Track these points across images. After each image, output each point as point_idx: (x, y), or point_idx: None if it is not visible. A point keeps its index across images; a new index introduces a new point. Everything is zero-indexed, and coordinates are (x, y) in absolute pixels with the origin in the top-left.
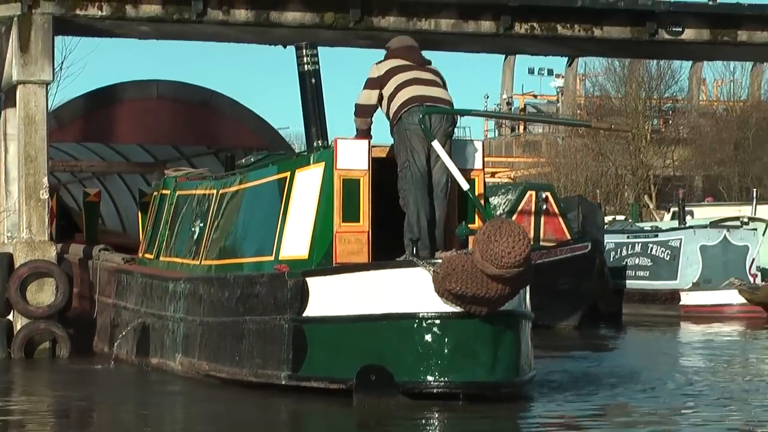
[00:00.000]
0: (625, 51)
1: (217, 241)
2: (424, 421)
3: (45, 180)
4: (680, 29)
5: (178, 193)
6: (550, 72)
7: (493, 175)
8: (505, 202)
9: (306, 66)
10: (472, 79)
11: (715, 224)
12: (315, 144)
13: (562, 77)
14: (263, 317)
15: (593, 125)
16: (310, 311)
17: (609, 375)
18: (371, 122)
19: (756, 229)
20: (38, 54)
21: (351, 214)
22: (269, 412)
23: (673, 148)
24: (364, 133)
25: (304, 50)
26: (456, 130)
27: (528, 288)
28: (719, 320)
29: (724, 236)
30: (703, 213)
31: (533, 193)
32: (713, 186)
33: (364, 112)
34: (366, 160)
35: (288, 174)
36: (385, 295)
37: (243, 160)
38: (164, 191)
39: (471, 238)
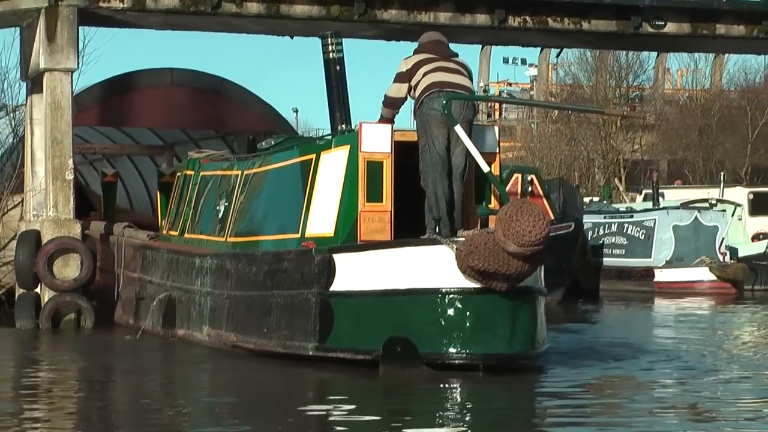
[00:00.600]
0: (610, 43)
1: (242, 219)
2: (446, 391)
3: (70, 162)
4: (662, 23)
5: (201, 173)
6: (524, 61)
7: None
8: None
9: (331, 54)
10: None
11: (686, 206)
12: (339, 128)
13: (536, 66)
14: (291, 291)
15: (606, 112)
16: (336, 286)
17: (609, 346)
18: (397, 113)
19: (725, 211)
20: (64, 43)
21: (375, 194)
22: (297, 380)
23: (641, 134)
24: (387, 122)
25: (329, 39)
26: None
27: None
28: (691, 296)
29: (696, 217)
30: (674, 195)
31: (519, 175)
32: (679, 170)
33: (392, 104)
34: (389, 144)
35: (313, 156)
36: (409, 271)
37: (263, 143)
38: (188, 172)
39: (491, 218)
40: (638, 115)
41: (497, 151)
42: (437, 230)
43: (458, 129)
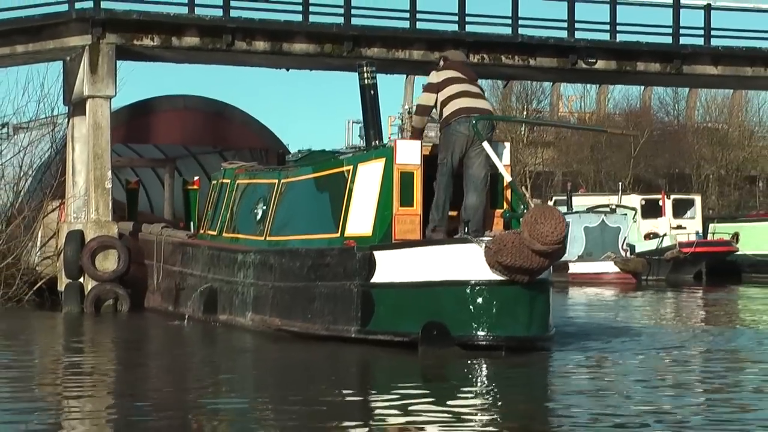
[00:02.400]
0: (552, 76)
1: (282, 221)
2: (475, 367)
3: (109, 173)
4: (594, 60)
5: (238, 182)
6: None
7: None
8: None
9: (366, 80)
10: (384, 92)
11: (592, 210)
12: (373, 143)
13: None
14: (333, 283)
15: (608, 131)
16: (377, 278)
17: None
18: (426, 121)
19: (626, 214)
20: (104, 74)
21: (407, 200)
22: (343, 358)
23: (542, 149)
24: (418, 132)
25: (365, 68)
26: None
27: None
28: (598, 285)
29: (602, 219)
30: (580, 201)
31: None
32: (573, 179)
33: (423, 111)
34: (419, 157)
35: (351, 167)
36: (443, 265)
37: (290, 156)
38: (224, 180)
39: (515, 221)
40: (634, 134)
41: (509, 163)
42: (467, 231)
43: (486, 145)
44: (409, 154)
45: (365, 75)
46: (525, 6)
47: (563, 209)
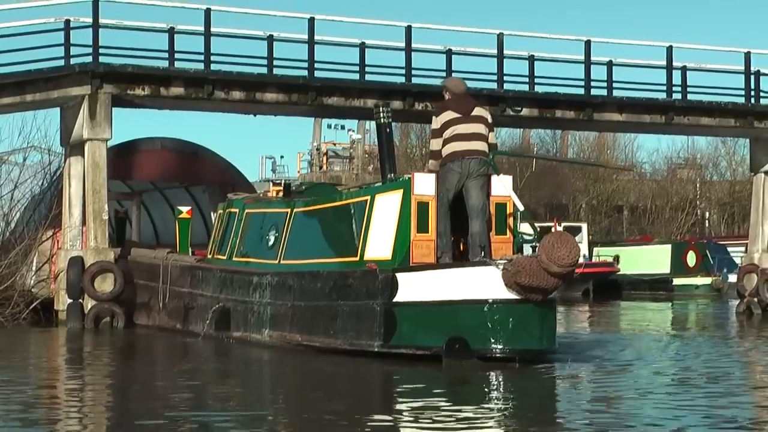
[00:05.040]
0: None
1: (296, 246)
2: (492, 378)
3: (105, 206)
4: (520, 109)
5: (246, 210)
6: (343, 127)
7: None
8: None
9: (382, 120)
10: (292, 130)
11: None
12: (389, 176)
13: (352, 131)
14: (356, 302)
15: (608, 166)
16: (399, 297)
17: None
18: (440, 163)
19: (527, 240)
20: (101, 120)
21: (423, 227)
22: (367, 371)
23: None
24: (433, 172)
25: (381, 108)
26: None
27: None
28: None
29: None
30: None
31: None
32: None
33: (435, 155)
34: (434, 188)
35: (369, 197)
36: (463, 285)
37: (293, 187)
38: (232, 209)
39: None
40: (629, 169)
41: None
42: (483, 255)
43: (504, 179)
44: (425, 185)
45: (381, 115)
46: (459, 61)
47: None
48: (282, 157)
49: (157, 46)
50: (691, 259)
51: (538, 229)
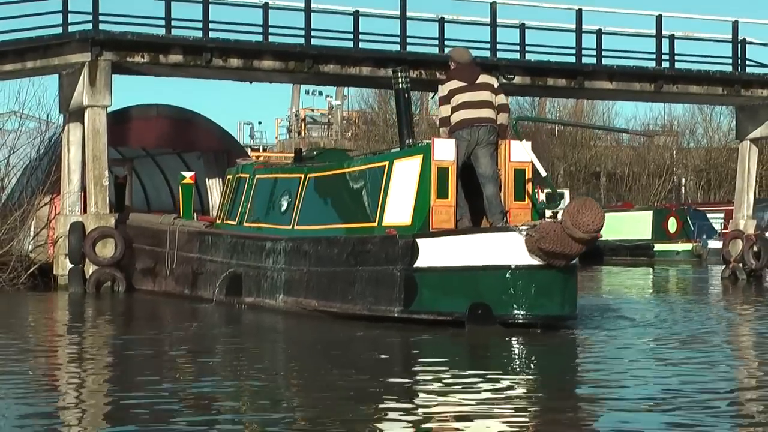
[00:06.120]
0: None
1: (309, 211)
2: (515, 343)
3: (106, 173)
4: (512, 77)
5: (257, 176)
6: (320, 93)
7: None
8: None
9: (401, 84)
10: (270, 96)
11: None
12: (407, 141)
13: (330, 97)
14: (375, 267)
15: (630, 132)
16: (420, 263)
17: None
18: (449, 129)
19: None
20: (101, 87)
21: (443, 192)
22: (389, 338)
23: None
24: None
25: (399, 73)
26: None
27: None
28: None
29: None
30: None
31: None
32: None
33: (444, 122)
34: (453, 154)
35: (387, 163)
36: (485, 251)
37: (305, 153)
38: (242, 175)
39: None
40: (656, 133)
41: (529, 160)
42: (505, 220)
43: (526, 145)
44: (445, 151)
45: (399, 79)
46: (451, 29)
47: None
48: (260, 123)
49: (154, 14)
50: (671, 225)
51: (560, 194)
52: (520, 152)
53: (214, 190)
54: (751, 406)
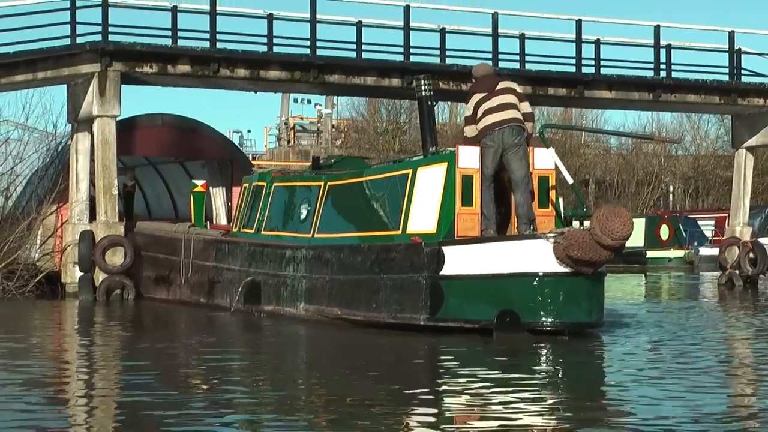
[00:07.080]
0: None
1: (329, 219)
2: (543, 350)
3: (115, 181)
4: None
5: (275, 184)
6: (310, 101)
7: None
8: None
9: (424, 92)
10: (259, 104)
11: None
12: (431, 149)
13: (320, 105)
14: (400, 275)
15: (655, 138)
16: (446, 271)
17: None
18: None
19: None
20: (111, 97)
21: (468, 200)
22: (415, 346)
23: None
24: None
25: (422, 81)
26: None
27: None
28: None
29: None
30: None
31: None
32: None
33: (471, 142)
34: (478, 161)
35: (410, 170)
36: (513, 258)
37: (322, 161)
38: (259, 183)
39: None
40: (677, 141)
41: (553, 167)
42: (532, 228)
43: (551, 152)
44: (470, 158)
45: (423, 88)
46: (454, 39)
47: None
48: (249, 131)
49: (160, 25)
50: (664, 232)
51: (586, 202)
52: (544, 159)
53: (218, 198)
54: None
